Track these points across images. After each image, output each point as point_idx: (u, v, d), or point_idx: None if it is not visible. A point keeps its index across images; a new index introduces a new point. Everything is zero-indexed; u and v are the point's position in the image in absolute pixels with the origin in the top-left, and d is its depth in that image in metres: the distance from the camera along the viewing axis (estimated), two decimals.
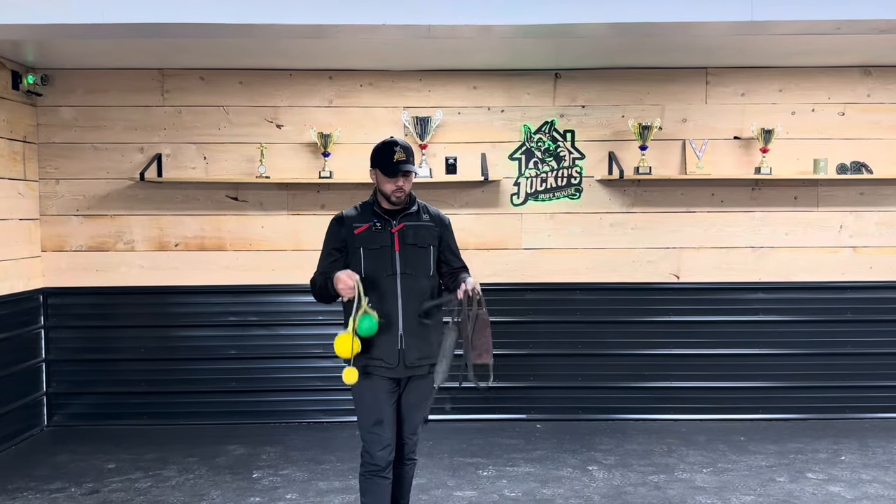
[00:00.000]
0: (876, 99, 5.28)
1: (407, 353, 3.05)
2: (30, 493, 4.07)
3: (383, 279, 3.04)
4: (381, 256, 3.04)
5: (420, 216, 3.16)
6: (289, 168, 5.21)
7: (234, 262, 5.25)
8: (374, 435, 3.06)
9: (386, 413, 3.07)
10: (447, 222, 3.26)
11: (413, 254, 3.08)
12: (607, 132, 5.28)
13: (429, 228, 3.15)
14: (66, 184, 5.21)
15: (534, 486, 4.13)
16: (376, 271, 3.04)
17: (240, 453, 4.68)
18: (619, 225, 5.30)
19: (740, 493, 4.02)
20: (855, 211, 5.32)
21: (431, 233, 3.14)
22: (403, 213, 3.12)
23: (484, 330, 2.94)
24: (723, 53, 4.92)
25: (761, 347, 5.31)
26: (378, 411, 3.08)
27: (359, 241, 3.08)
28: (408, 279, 3.05)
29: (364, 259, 3.06)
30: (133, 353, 5.27)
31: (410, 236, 3.08)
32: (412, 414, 3.18)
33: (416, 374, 3.10)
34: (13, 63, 4.90)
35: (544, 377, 5.31)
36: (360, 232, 3.08)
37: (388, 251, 3.05)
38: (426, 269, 3.11)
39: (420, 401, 3.16)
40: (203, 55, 4.87)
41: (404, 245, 3.07)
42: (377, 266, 3.04)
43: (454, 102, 5.24)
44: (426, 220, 3.15)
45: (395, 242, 3.06)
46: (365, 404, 3.11)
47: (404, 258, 3.06)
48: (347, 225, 3.12)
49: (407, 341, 3.05)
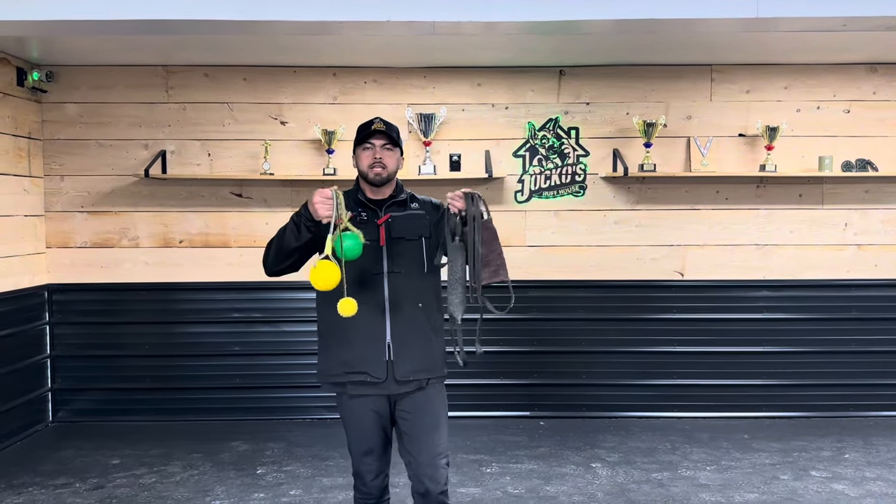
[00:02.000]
0: (882, 96, 5.26)
1: (397, 364, 2.66)
2: (35, 488, 4.08)
3: (369, 279, 2.65)
4: (366, 252, 2.60)
5: (408, 205, 2.79)
6: (293, 165, 5.21)
7: (238, 259, 5.26)
8: (365, 465, 2.77)
9: (376, 441, 2.74)
10: (440, 207, 2.82)
11: (401, 248, 2.70)
12: (612, 129, 5.27)
13: (418, 218, 2.75)
14: (70, 180, 5.22)
15: (537, 482, 4.13)
16: (360, 270, 2.62)
17: (244, 449, 4.69)
18: (623, 222, 5.30)
19: (744, 491, 4.02)
20: (860, 209, 5.31)
21: (421, 222, 2.75)
22: (390, 203, 2.76)
23: (493, 241, 2.58)
24: (728, 50, 4.91)
25: (765, 345, 5.30)
26: (366, 440, 2.74)
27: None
28: (397, 278, 2.68)
29: None
30: (137, 349, 5.28)
31: (397, 228, 2.71)
32: (423, 440, 2.71)
33: (409, 389, 2.70)
34: (18, 59, 4.91)
35: (548, 374, 5.31)
36: None
37: (373, 246, 2.65)
38: (419, 266, 2.72)
39: (428, 421, 2.72)
40: (207, 52, 4.88)
41: (391, 239, 2.69)
42: (361, 263, 2.60)
43: (458, 99, 5.23)
44: (415, 209, 2.78)
45: (380, 236, 2.68)
46: (350, 431, 2.78)
47: (392, 254, 2.69)
48: None
49: (396, 351, 2.66)
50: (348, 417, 2.76)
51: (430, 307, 2.75)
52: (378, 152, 2.72)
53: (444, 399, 2.81)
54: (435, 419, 2.75)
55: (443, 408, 2.79)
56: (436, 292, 2.79)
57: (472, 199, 2.59)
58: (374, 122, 2.75)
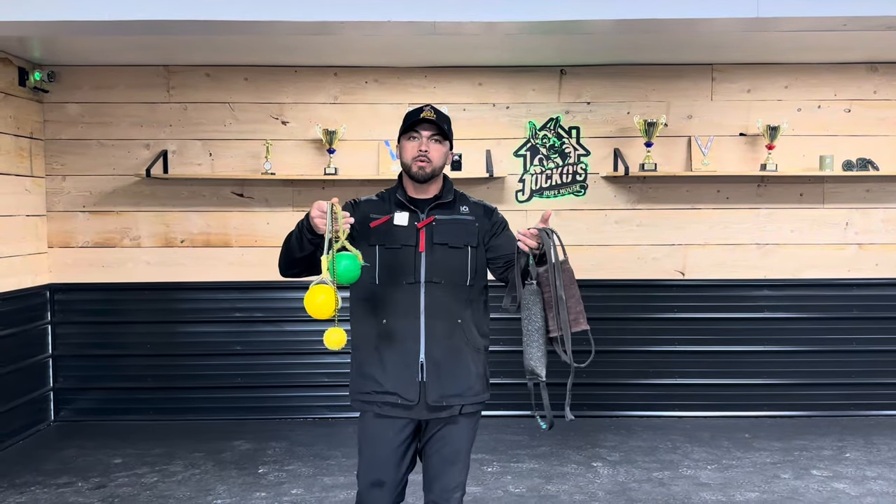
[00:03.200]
0: (882, 95, 5.26)
1: (430, 387, 2.38)
2: (37, 487, 4.09)
3: (402, 288, 2.37)
4: (402, 258, 2.38)
5: (456, 207, 2.48)
6: (294, 164, 5.22)
7: (239, 259, 5.27)
8: (372, 496, 2.48)
9: (389, 474, 2.43)
10: (496, 214, 2.53)
11: (443, 256, 2.40)
12: (612, 129, 5.27)
13: (466, 224, 2.45)
14: (72, 180, 5.23)
15: (538, 482, 4.14)
16: (394, 277, 2.38)
17: (245, 448, 4.70)
18: (624, 222, 5.30)
19: (745, 490, 4.02)
20: (861, 208, 5.31)
21: (470, 229, 2.45)
22: (435, 204, 2.45)
23: (572, 285, 2.28)
24: (729, 50, 4.91)
25: (766, 344, 5.30)
26: (377, 470, 2.45)
27: (374, 236, 2.41)
28: (434, 289, 2.38)
29: (379, 260, 2.40)
30: (139, 348, 5.29)
31: (441, 233, 2.41)
32: (446, 471, 2.48)
33: (442, 415, 2.43)
34: (20, 59, 4.91)
35: (548, 374, 5.28)
36: (378, 225, 2.42)
37: (410, 252, 2.39)
38: (461, 277, 2.43)
39: (455, 457, 2.47)
40: (209, 52, 4.89)
41: (431, 245, 2.39)
42: (395, 270, 2.37)
43: (459, 99, 5.24)
44: (464, 213, 2.47)
45: (419, 241, 2.39)
46: (363, 455, 2.50)
47: (431, 262, 2.39)
48: (363, 212, 2.46)
49: (430, 371, 2.38)
50: (364, 438, 2.49)
51: (471, 324, 2.47)
52: (424, 144, 2.41)
53: (473, 430, 2.53)
54: (456, 453, 2.49)
55: (468, 441, 2.52)
56: (478, 308, 2.51)
57: (548, 235, 2.27)
58: (423, 109, 2.45)
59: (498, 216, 2.55)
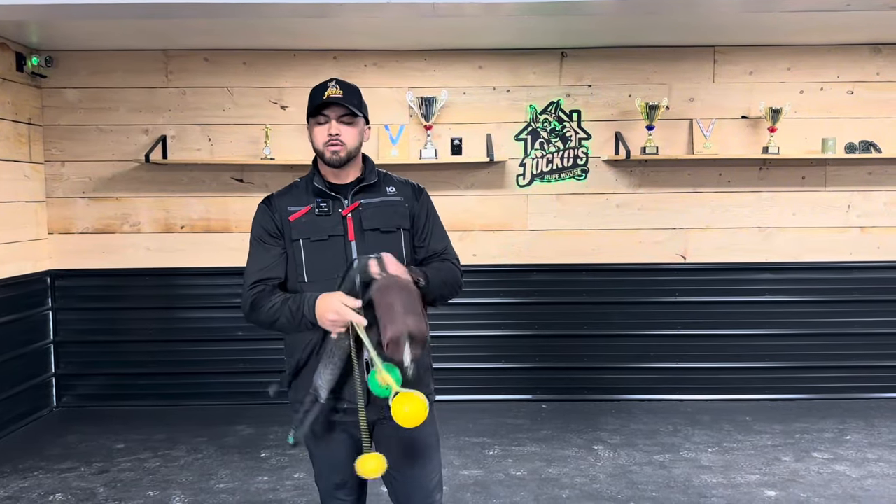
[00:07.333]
0: (885, 77, 5.22)
1: None
2: (40, 472, 4.11)
3: (334, 282, 2.09)
4: (330, 250, 2.16)
5: (382, 189, 2.26)
6: (294, 149, 5.20)
7: (240, 244, 5.25)
8: (337, 498, 2.33)
9: (350, 473, 2.16)
10: (422, 193, 2.33)
11: (375, 243, 2.17)
12: (614, 112, 5.24)
13: (395, 205, 2.25)
14: (71, 166, 5.21)
15: (539, 465, 4.15)
16: (324, 272, 2.14)
17: (248, 433, 4.71)
18: (625, 205, 5.28)
19: (745, 473, 4.03)
20: (863, 190, 5.29)
21: (399, 210, 2.24)
22: (358, 188, 2.24)
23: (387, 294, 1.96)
24: (731, 31, 4.87)
25: (768, 328, 5.30)
26: (337, 473, 2.28)
27: (296, 230, 2.18)
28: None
29: (305, 256, 2.18)
30: (140, 334, 5.30)
31: (370, 218, 2.20)
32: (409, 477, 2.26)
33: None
34: (17, 44, 4.88)
35: (550, 358, 5.32)
36: (298, 217, 2.19)
37: (339, 242, 2.18)
38: None
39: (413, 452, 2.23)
40: (207, 36, 4.85)
41: (361, 231, 2.19)
42: (325, 265, 2.15)
43: (459, 82, 5.21)
44: (392, 195, 2.26)
45: (348, 229, 2.18)
46: (318, 462, 2.34)
47: (363, 250, 2.16)
48: (279, 208, 2.22)
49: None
50: (315, 447, 2.31)
51: None
52: (334, 127, 2.18)
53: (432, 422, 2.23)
54: (421, 448, 2.25)
55: (431, 433, 2.27)
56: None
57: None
58: (327, 86, 2.22)
59: (426, 198, 2.33)
